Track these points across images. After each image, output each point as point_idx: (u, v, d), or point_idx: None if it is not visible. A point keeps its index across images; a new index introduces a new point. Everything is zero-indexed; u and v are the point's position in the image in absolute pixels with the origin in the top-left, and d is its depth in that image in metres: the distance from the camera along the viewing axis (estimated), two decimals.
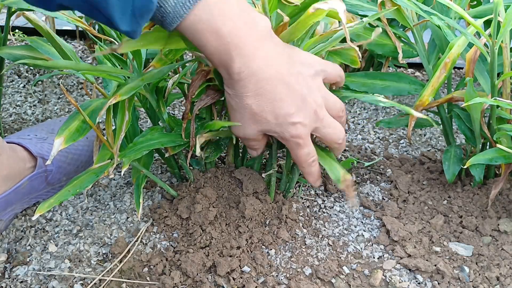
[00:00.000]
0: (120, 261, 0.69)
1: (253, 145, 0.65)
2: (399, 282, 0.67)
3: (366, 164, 0.85)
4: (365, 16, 0.77)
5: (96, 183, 0.82)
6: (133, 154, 0.65)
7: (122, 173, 0.63)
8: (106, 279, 0.66)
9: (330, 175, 0.66)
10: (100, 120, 0.68)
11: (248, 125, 0.60)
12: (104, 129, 0.92)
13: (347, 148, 0.90)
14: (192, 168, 0.76)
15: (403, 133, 0.97)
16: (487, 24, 0.71)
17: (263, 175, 0.72)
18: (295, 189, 0.79)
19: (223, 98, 0.69)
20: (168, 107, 0.71)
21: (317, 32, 0.68)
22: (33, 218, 0.64)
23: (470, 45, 0.71)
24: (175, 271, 0.66)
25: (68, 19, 0.65)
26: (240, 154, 0.75)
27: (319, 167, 0.64)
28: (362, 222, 0.76)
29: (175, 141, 0.67)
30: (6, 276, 0.68)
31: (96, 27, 1.00)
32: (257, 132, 0.61)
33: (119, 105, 0.64)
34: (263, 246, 0.70)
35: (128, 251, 0.70)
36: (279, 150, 0.77)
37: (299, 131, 0.59)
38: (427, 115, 0.96)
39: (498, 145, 0.69)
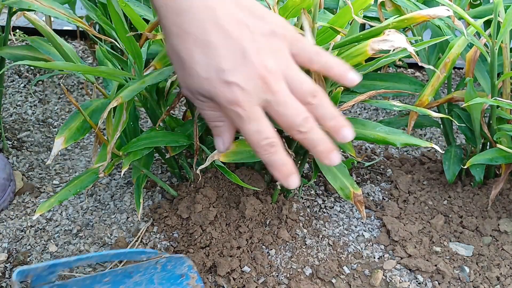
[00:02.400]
0: (120, 261, 0.69)
1: (211, 117, 0.51)
2: (400, 282, 0.67)
3: (366, 164, 0.86)
4: (366, 17, 0.77)
5: (97, 183, 0.82)
6: (134, 150, 0.64)
7: (122, 172, 0.63)
8: None
9: (338, 192, 0.65)
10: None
11: (184, 77, 0.47)
12: (104, 129, 0.92)
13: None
14: (192, 168, 0.76)
15: (403, 133, 0.97)
16: (487, 24, 0.71)
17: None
18: (296, 189, 0.79)
19: None
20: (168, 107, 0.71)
21: None
22: (33, 218, 0.64)
23: (470, 45, 0.71)
24: None
25: (68, 19, 0.65)
26: None
27: (287, 157, 0.49)
28: (362, 222, 0.76)
29: (178, 141, 0.67)
30: (7, 276, 0.68)
31: (97, 27, 1.00)
32: (195, 90, 0.47)
33: (118, 105, 0.64)
34: (263, 246, 0.70)
35: None
36: None
37: (236, 96, 0.45)
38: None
39: (498, 145, 0.69)
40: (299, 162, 0.73)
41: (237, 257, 0.67)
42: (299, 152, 0.68)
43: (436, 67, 0.70)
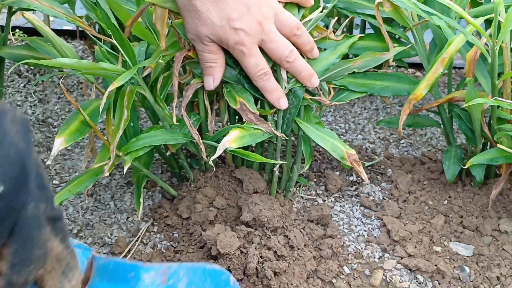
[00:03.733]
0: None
1: (208, 58, 0.64)
2: (400, 282, 0.67)
3: (367, 164, 0.85)
4: (363, 14, 0.76)
5: (97, 183, 0.82)
6: (135, 150, 0.64)
7: (124, 172, 0.62)
8: None
9: (332, 155, 0.68)
10: (100, 120, 0.68)
11: (197, 24, 0.61)
12: (104, 129, 0.92)
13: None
14: (192, 168, 0.76)
15: (403, 133, 0.97)
16: (488, 23, 0.71)
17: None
18: (296, 189, 0.79)
19: (209, 90, 0.69)
20: (168, 107, 0.71)
21: None
22: None
23: (471, 44, 0.71)
24: None
25: (67, 19, 0.65)
26: None
27: (277, 84, 0.66)
28: (362, 222, 0.76)
29: (177, 139, 0.67)
30: None
31: (97, 27, 1.00)
32: (206, 34, 0.61)
33: (118, 103, 0.64)
34: None
35: (129, 251, 0.70)
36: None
37: (241, 38, 0.61)
38: (427, 115, 0.96)
39: (498, 145, 0.69)
40: (295, 160, 0.73)
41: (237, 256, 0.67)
42: (286, 132, 0.69)
43: (434, 62, 0.70)
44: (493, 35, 0.63)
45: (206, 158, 0.65)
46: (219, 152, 0.62)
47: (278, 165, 0.70)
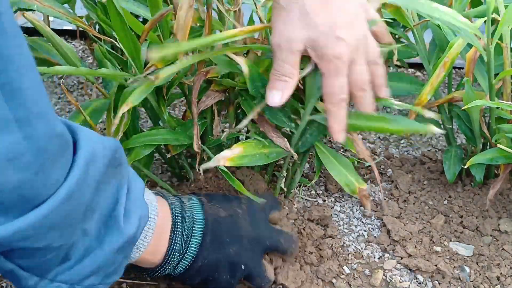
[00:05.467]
0: None
1: (287, 71, 0.56)
2: (400, 282, 0.67)
3: (367, 164, 0.85)
4: None
5: None
6: (136, 150, 0.64)
7: None
8: None
9: (343, 187, 0.67)
10: (100, 120, 0.68)
11: (295, 27, 0.54)
12: (104, 129, 0.92)
13: (347, 148, 0.90)
14: (193, 168, 0.76)
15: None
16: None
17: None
18: (297, 189, 0.79)
19: (223, 99, 0.69)
20: (168, 107, 0.71)
21: None
22: None
23: (470, 44, 0.71)
24: None
25: (68, 19, 0.65)
26: None
27: (345, 114, 0.59)
28: (362, 222, 0.76)
29: (179, 139, 0.67)
30: None
31: (97, 27, 1.00)
32: (302, 40, 0.54)
33: (119, 106, 0.63)
34: None
35: None
36: None
37: (343, 50, 0.53)
38: None
39: (498, 145, 0.69)
40: (300, 161, 0.73)
41: None
42: (299, 151, 0.68)
43: (436, 67, 0.70)
44: (487, 34, 0.63)
45: (199, 171, 0.62)
46: (211, 164, 0.58)
47: (283, 178, 0.70)
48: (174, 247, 0.54)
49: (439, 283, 0.67)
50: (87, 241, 0.42)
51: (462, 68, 1.17)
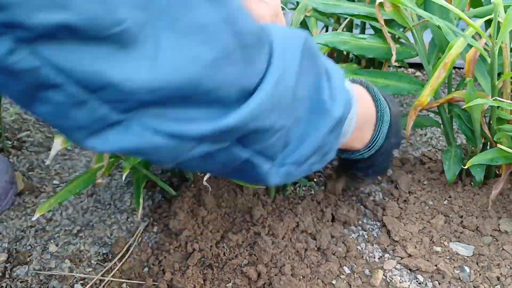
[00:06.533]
0: (120, 261, 0.69)
1: None
2: (400, 282, 0.67)
3: None
4: (345, 15, 0.76)
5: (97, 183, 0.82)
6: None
7: (123, 178, 0.62)
8: (106, 279, 0.66)
9: None
10: None
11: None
12: None
13: None
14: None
15: (403, 133, 0.97)
16: (488, 24, 0.71)
17: None
18: (297, 189, 0.79)
19: None
20: None
21: None
22: (33, 218, 0.64)
23: (470, 44, 0.71)
24: None
25: None
26: None
27: None
28: (362, 222, 0.76)
29: None
30: (7, 276, 0.68)
31: None
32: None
33: None
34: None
35: (128, 251, 0.70)
36: None
37: (265, 11, 0.59)
38: (428, 115, 0.96)
39: (498, 145, 0.69)
40: None
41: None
42: None
43: (436, 68, 0.70)
44: (492, 36, 0.63)
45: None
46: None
47: None
48: (381, 132, 0.61)
49: (439, 283, 0.67)
50: (302, 127, 0.46)
51: (462, 68, 1.17)
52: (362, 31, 0.94)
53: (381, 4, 0.71)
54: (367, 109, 0.59)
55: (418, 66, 1.17)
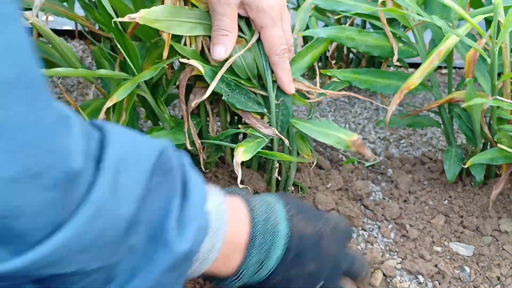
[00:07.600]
0: None
1: (227, 25, 0.59)
2: (400, 282, 0.67)
3: (367, 164, 0.85)
4: (345, 12, 0.75)
5: None
6: None
7: None
8: None
9: (338, 147, 0.66)
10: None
11: None
12: None
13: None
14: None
15: (403, 133, 0.97)
16: (487, 24, 0.71)
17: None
18: (297, 190, 0.79)
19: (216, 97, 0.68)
20: (168, 107, 0.71)
21: None
22: None
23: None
24: None
25: (68, 16, 0.65)
26: None
27: (290, 68, 0.63)
28: (363, 222, 0.76)
29: (180, 139, 0.67)
30: None
31: (96, 26, 1.00)
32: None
33: (117, 105, 0.63)
34: None
35: None
36: None
37: (274, 2, 0.58)
38: (428, 115, 0.96)
39: (499, 145, 0.69)
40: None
41: None
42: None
43: (430, 54, 0.70)
44: (492, 36, 0.63)
45: (203, 162, 0.62)
46: (238, 169, 0.59)
47: (277, 168, 0.70)
48: (251, 260, 0.48)
49: (439, 283, 0.67)
50: (134, 260, 0.37)
51: (462, 68, 1.17)
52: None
53: (383, 3, 0.71)
54: (239, 232, 0.48)
55: (418, 66, 1.17)
